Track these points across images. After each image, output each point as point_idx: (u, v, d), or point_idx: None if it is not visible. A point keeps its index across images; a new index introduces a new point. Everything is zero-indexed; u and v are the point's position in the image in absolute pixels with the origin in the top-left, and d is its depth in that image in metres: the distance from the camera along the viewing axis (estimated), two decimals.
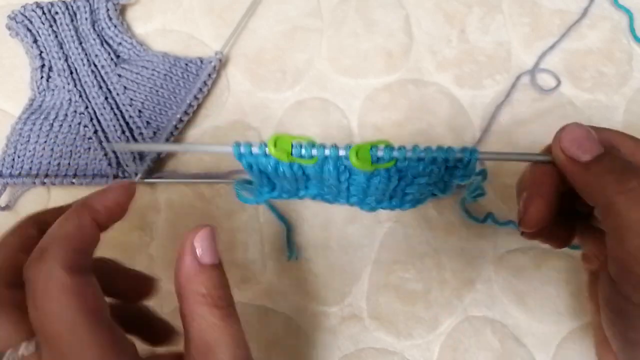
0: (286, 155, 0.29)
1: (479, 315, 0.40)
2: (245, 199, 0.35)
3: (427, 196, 0.34)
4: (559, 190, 0.29)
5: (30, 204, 0.42)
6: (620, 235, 0.24)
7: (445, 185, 0.32)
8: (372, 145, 0.29)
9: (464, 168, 0.30)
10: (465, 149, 0.29)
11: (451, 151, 0.29)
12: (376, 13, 0.47)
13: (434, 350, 0.40)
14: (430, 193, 0.34)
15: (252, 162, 0.30)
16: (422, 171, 0.30)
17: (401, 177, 0.31)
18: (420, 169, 0.30)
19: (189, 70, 0.44)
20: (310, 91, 0.45)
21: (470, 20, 0.47)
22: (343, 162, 0.30)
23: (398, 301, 0.41)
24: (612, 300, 0.26)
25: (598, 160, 0.26)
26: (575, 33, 0.46)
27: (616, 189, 0.24)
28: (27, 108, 0.43)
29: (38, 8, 0.44)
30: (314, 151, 0.29)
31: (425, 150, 0.29)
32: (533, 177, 0.29)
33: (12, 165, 0.41)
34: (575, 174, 0.26)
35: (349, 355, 0.40)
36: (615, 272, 0.25)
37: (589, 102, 0.45)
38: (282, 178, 0.31)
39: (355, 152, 0.29)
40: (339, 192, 0.33)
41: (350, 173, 0.31)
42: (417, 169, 0.30)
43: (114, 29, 0.45)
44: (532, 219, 0.29)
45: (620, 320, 0.26)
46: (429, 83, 0.45)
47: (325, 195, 0.34)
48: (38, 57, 0.43)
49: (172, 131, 0.42)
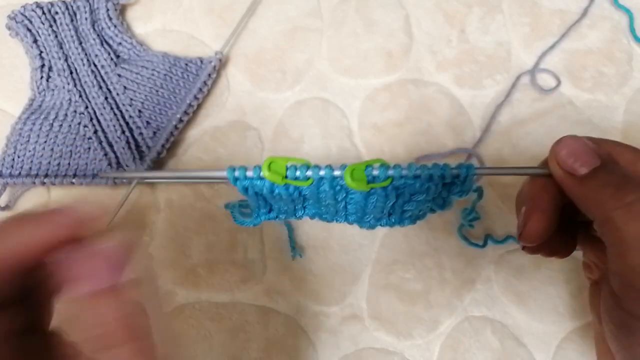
0: (281, 178, 0.29)
1: (479, 315, 0.40)
2: (242, 221, 0.34)
3: (426, 212, 0.34)
4: (559, 203, 0.28)
5: (30, 204, 0.42)
6: (620, 250, 0.24)
7: (444, 201, 0.32)
8: (367, 164, 0.29)
9: (461, 184, 0.30)
10: (461, 166, 0.29)
11: (447, 168, 0.29)
12: (376, 13, 0.47)
13: (434, 350, 0.40)
14: (429, 209, 0.33)
15: (247, 186, 0.30)
16: (419, 188, 0.30)
17: (398, 195, 0.31)
18: (417, 187, 0.30)
19: (189, 70, 0.44)
20: (310, 91, 0.45)
21: (470, 20, 0.47)
22: (339, 182, 0.30)
23: (398, 301, 0.41)
24: (615, 315, 0.25)
25: (595, 173, 0.25)
26: (575, 33, 0.46)
27: (614, 204, 0.24)
28: (27, 108, 0.43)
29: (38, 8, 0.44)
30: (309, 172, 0.29)
31: (421, 167, 0.29)
32: (531, 191, 0.29)
33: (12, 165, 0.41)
34: (573, 187, 0.26)
35: (349, 355, 0.40)
36: (618, 287, 0.25)
37: (589, 102, 0.45)
38: (278, 200, 0.31)
39: (350, 172, 0.29)
40: (337, 211, 0.33)
41: (346, 192, 0.31)
42: (413, 187, 0.30)
43: (113, 28, 0.45)
44: (532, 233, 0.28)
45: (624, 335, 0.25)
46: (429, 83, 0.45)
47: (323, 215, 0.34)
48: (38, 57, 0.43)
49: (172, 131, 0.42)
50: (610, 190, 0.24)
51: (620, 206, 0.24)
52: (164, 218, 0.42)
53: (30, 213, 0.22)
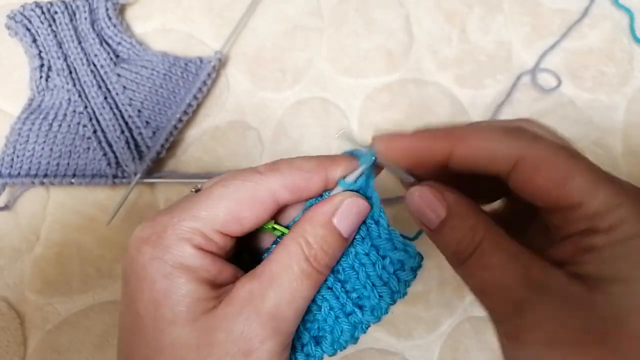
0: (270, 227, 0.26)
1: (480, 315, 0.40)
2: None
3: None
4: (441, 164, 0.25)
5: (30, 204, 0.42)
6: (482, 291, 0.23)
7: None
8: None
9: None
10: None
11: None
12: (376, 12, 0.47)
13: (434, 350, 0.40)
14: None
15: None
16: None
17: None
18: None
19: (188, 70, 0.44)
20: (310, 91, 0.45)
21: (471, 19, 0.47)
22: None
23: (398, 301, 0.40)
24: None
25: (441, 227, 0.24)
26: (576, 33, 0.46)
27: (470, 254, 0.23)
28: (26, 108, 0.43)
29: (37, 7, 0.44)
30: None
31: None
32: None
33: (12, 165, 0.41)
34: (433, 238, 0.25)
35: (349, 355, 0.40)
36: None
37: (589, 102, 0.44)
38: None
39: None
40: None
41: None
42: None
43: (113, 28, 0.44)
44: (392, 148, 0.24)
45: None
46: (429, 82, 0.45)
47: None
48: (37, 57, 0.43)
49: (171, 131, 0.42)
50: (453, 250, 0.24)
51: (462, 262, 0.23)
52: None
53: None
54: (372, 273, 0.25)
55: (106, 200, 0.42)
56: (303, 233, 0.24)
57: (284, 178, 0.24)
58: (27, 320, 0.40)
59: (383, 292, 0.25)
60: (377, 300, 0.25)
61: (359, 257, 0.25)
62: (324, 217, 0.24)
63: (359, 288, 0.25)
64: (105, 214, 0.41)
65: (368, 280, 0.25)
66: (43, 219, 0.42)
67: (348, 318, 0.25)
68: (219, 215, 0.23)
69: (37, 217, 0.42)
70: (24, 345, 0.39)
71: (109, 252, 0.41)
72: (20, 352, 0.39)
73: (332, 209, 0.24)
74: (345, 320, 0.25)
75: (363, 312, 0.25)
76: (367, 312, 0.25)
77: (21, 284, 0.40)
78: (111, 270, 0.41)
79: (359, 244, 0.25)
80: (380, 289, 0.25)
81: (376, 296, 0.25)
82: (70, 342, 0.39)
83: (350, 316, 0.25)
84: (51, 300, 0.40)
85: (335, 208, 0.24)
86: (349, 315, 0.25)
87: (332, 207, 0.24)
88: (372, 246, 0.25)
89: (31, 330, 0.40)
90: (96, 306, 0.40)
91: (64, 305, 0.40)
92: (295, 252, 0.24)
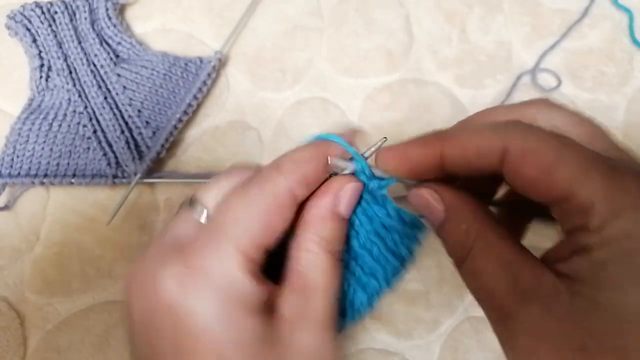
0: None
1: (480, 315, 0.40)
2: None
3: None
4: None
5: (30, 204, 0.42)
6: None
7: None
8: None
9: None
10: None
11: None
12: (376, 12, 0.47)
13: (434, 350, 0.40)
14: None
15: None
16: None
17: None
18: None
19: (188, 70, 0.44)
20: (310, 91, 0.45)
21: (471, 19, 0.47)
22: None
23: (398, 301, 0.41)
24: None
25: (440, 230, 0.24)
26: (576, 32, 0.46)
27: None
28: (26, 108, 0.43)
29: (37, 7, 0.44)
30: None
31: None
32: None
33: (11, 165, 0.41)
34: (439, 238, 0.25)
35: (349, 355, 0.40)
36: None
37: (589, 102, 0.44)
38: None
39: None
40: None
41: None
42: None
43: (113, 28, 0.44)
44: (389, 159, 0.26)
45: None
46: (429, 83, 0.45)
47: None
48: (37, 57, 0.43)
49: (171, 131, 0.42)
50: (455, 242, 0.24)
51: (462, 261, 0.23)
52: (164, 218, 0.42)
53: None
54: (382, 248, 0.27)
55: (106, 200, 0.42)
56: (318, 232, 0.24)
57: (294, 173, 0.24)
58: (27, 320, 0.40)
59: (394, 262, 0.27)
60: (391, 269, 0.27)
61: (370, 235, 0.27)
62: (330, 211, 0.25)
63: (371, 262, 0.27)
64: (105, 214, 0.41)
65: (380, 254, 0.27)
66: (43, 219, 0.42)
67: (365, 290, 0.27)
68: (255, 228, 0.23)
69: (37, 217, 0.42)
70: (24, 345, 0.39)
71: (109, 252, 0.41)
72: (20, 352, 0.39)
73: (335, 200, 0.25)
74: (363, 292, 0.27)
75: (379, 281, 0.27)
76: (382, 282, 0.27)
77: (21, 284, 0.40)
78: (111, 270, 0.41)
79: (367, 223, 0.27)
80: (392, 260, 0.27)
81: (391, 264, 0.27)
82: (70, 342, 0.39)
83: (367, 287, 0.27)
84: (51, 300, 0.40)
85: (336, 198, 0.25)
86: (366, 287, 0.27)
87: (334, 198, 0.25)
88: (381, 224, 0.27)
89: (31, 330, 0.40)
90: (96, 306, 0.40)
91: (64, 305, 0.40)
92: (318, 252, 0.24)
